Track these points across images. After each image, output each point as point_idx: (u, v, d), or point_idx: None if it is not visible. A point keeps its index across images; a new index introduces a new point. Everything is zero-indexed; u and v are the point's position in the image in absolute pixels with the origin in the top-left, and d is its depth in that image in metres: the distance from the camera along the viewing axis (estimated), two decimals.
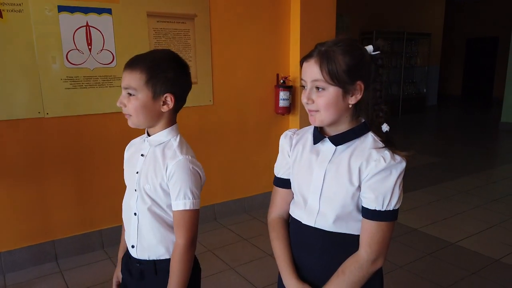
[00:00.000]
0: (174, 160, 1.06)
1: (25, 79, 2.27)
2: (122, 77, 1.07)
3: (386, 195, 0.93)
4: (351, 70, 0.93)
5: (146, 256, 1.13)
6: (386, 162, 0.93)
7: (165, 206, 1.10)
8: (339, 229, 0.99)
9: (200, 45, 2.86)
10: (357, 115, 1.00)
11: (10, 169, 2.30)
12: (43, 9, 2.26)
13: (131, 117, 1.07)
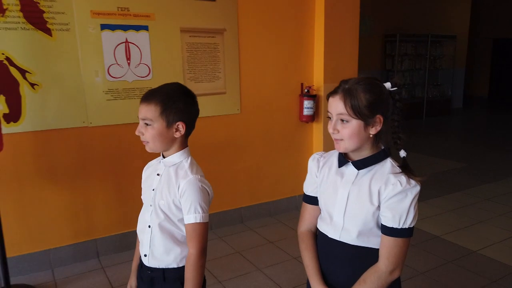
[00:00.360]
0: (186, 179, 1.21)
1: (72, 91, 2.48)
2: (139, 109, 1.22)
3: (402, 214, 1.07)
4: (371, 106, 1.07)
5: (156, 265, 1.27)
6: (402, 186, 1.06)
7: (176, 220, 1.24)
8: (361, 243, 1.12)
9: (229, 57, 3.01)
10: (377, 143, 1.13)
11: (58, 173, 2.52)
12: (88, 28, 2.47)
13: (148, 143, 1.22)
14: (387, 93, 1.11)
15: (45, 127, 2.44)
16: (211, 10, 2.88)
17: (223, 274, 2.47)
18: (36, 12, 2.30)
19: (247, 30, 3.06)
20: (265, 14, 3.11)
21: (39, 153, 2.45)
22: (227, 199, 3.21)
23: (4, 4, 2.21)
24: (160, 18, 2.69)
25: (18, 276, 2.43)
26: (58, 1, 2.35)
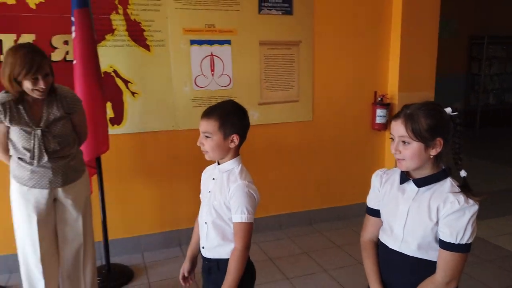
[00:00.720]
0: (235, 184, 1.37)
1: (164, 99, 2.83)
2: (200, 123, 1.39)
3: (459, 231, 1.15)
4: (432, 129, 1.16)
5: (211, 256, 1.45)
6: (460, 204, 1.14)
7: (227, 219, 1.40)
8: (420, 255, 1.22)
9: (303, 67, 3.17)
10: (438, 162, 1.22)
11: (151, 169, 2.89)
12: (179, 43, 2.80)
13: (207, 153, 1.40)
14: (448, 118, 1.20)
15: (142, 130, 2.81)
16: (289, 24, 3.06)
17: (291, 272, 2.64)
18: (138, 31, 2.68)
19: (322, 41, 3.19)
20: (340, 25, 3.22)
21: (136, 152, 2.84)
22: (296, 201, 3.37)
23: (114, 25, 2.61)
24: (242, 33, 2.94)
25: (115, 257, 2.83)
26: (156, 21, 2.70)
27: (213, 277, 1.46)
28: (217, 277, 1.42)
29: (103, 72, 2.49)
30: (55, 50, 2.49)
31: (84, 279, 2.13)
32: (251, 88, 3.05)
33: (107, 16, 2.57)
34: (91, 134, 2.20)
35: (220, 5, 2.85)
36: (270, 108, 3.14)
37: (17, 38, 2.41)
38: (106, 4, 2.56)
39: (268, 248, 2.99)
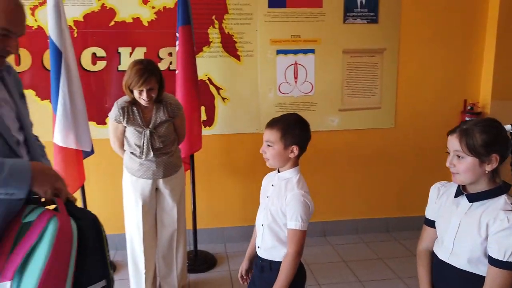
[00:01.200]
0: (292, 192, 1.46)
1: (250, 104, 3.08)
2: (264, 132, 1.51)
3: (508, 249, 1.15)
4: (487, 145, 1.19)
5: (265, 256, 1.54)
6: (510, 222, 1.15)
7: (281, 224, 1.49)
8: (469, 269, 1.25)
9: (387, 74, 3.19)
10: (494, 178, 1.24)
11: (235, 168, 3.16)
12: (266, 53, 3.03)
13: (268, 160, 1.50)
14: (506, 135, 1.22)
15: (229, 131, 3.10)
16: (373, 32, 3.11)
17: (364, 275, 2.70)
18: (231, 43, 2.96)
19: (408, 48, 3.17)
20: (427, 31, 3.16)
21: (224, 151, 3.13)
22: (374, 207, 3.39)
23: (210, 38, 2.93)
24: (326, 42, 3.06)
25: (202, 244, 3.15)
26: (247, 34, 2.97)
27: (265, 276, 1.56)
28: (269, 276, 1.52)
29: (199, 79, 2.82)
30: (161, 61, 2.88)
31: (176, 260, 2.45)
32: (333, 95, 3.16)
33: (205, 30, 2.90)
34: (187, 134, 2.53)
35: (306, 16, 3.01)
36: (351, 114, 3.21)
37: (132, 50, 2.85)
38: (205, 20, 2.88)
39: (344, 251, 3.07)
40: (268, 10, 2.97)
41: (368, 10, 3.08)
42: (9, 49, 1.19)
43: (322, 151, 3.21)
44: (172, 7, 2.81)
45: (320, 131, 3.16)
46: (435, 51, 3.19)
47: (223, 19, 2.92)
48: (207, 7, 2.88)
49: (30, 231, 1.20)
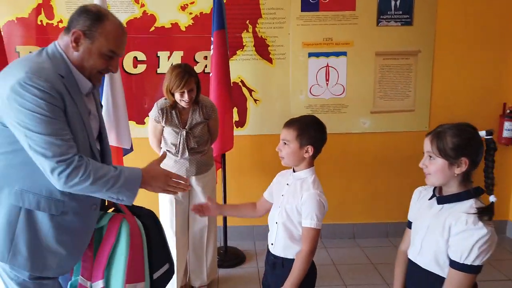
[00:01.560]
0: (308, 192, 1.50)
1: (281, 106, 3.15)
2: (282, 131, 1.56)
3: (464, 251, 1.18)
4: (456, 149, 1.22)
5: (278, 253, 1.58)
6: (467, 225, 1.18)
7: (296, 222, 1.53)
8: (434, 270, 1.27)
9: (421, 76, 3.15)
10: (465, 182, 1.26)
11: (265, 167, 3.23)
12: (298, 56, 3.09)
13: (284, 159, 1.54)
14: (479, 140, 1.23)
15: (260, 132, 3.18)
16: (407, 34, 3.09)
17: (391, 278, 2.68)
18: (264, 46, 3.05)
19: (443, 51, 3.12)
20: (464, 34, 3.10)
21: (254, 151, 3.22)
22: (406, 212, 3.33)
23: (244, 42, 3.03)
24: (358, 44, 3.08)
25: (232, 241, 3.25)
26: (279, 37, 3.04)
27: (277, 272, 1.60)
28: (281, 273, 1.57)
29: (232, 82, 2.93)
30: (197, 64, 3.02)
31: (206, 255, 2.57)
32: (364, 97, 3.16)
33: (239, 34, 3.01)
34: (219, 134, 2.64)
35: (339, 19, 3.04)
36: (383, 117, 3.20)
37: (170, 54, 3.01)
38: (239, 24, 3.00)
39: (372, 254, 3.07)
40: (301, 14, 3.03)
41: (403, 12, 3.06)
42: (111, 68, 1.38)
43: (353, 153, 3.22)
44: (208, 12, 2.94)
45: (351, 133, 3.19)
46: (472, 53, 3.12)
47: (256, 24, 3.01)
48: (242, 12, 2.99)
49: (106, 234, 1.42)
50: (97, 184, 1.25)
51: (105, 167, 1.30)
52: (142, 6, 2.95)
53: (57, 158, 1.20)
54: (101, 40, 1.30)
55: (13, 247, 1.26)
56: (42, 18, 2.92)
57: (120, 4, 2.94)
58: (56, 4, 2.91)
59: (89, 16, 1.29)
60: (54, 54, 1.30)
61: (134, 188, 1.32)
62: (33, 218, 1.28)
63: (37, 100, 1.18)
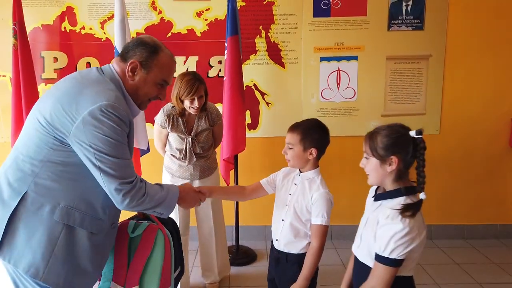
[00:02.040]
0: (318, 192, 1.58)
1: (293, 109, 3.22)
2: (286, 135, 1.63)
3: (382, 244, 1.24)
4: (386, 148, 1.28)
5: (282, 249, 1.65)
6: (387, 219, 1.24)
7: (304, 220, 1.60)
8: (366, 262, 1.34)
9: (432, 80, 3.18)
10: (398, 180, 1.30)
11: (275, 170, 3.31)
12: (310, 60, 3.16)
13: (289, 161, 1.63)
14: (409, 139, 1.28)
15: (271, 135, 3.26)
16: (418, 39, 3.13)
17: None
18: (276, 51, 3.14)
19: (455, 54, 3.15)
20: (476, 38, 3.12)
21: (266, 153, 3.30)
22: None
23: (257, 47, 3.13)
24: (369, 49, 3.14)
25: (243, 240, 3.33)
26: (292, 42, 3.13)
27: (281, 267, 1.68)
28: (285, 267, 1.65)
29: (245, 85, 3.02)
30: (211, 68, 3.13)
31: (216, 254, 2.62)
32: (375, 100, 3.21)
33: (253, 39, 3.11)
34: (232, 136, 2.74)
35: (350, 25, 3.11)
36: (394, 120, 3.13)
37: (186, 59, 3.12)
38: (252, 30, 3.10)
39: None
40: (313, 20, 3.11)
41: (414, 17, 3.11)
42: (160, 96, 1.48)
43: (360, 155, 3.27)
44: (223, 18, 3.05)
45: (362, 136, 3.19)
46: (483, 57, 3.14)
47: (269, 29, 3.11)
48: (255, 18, 3.09)
49: (141, 243, 1.52)
50: (150, 203, 1.37)
51: (155, 187, 1.43)
52: (159, 13, 3.08)
53: (124, 180, 1.29)
54: (155, 70, 1.40)
55: (49, 265, 1.28)
56: (66, 25, 3.08)
57: (139, 11, 3.08)
58: (79, 12, 3.07)
59: (146, 48, 1.39)
60: (113, 78, 1.39)
61: (173, 204, 1.47)
62: (73, 236, 1.31)
63: (114, 127, 1.26)
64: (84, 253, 1.34)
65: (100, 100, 1.27)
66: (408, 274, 1.32)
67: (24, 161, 1.30)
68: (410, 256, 1.26)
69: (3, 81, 3.15)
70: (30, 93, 2.81)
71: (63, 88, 1.34)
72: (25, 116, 2.79)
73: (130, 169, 1.34)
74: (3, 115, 3.18)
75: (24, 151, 1.32)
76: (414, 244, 1.23)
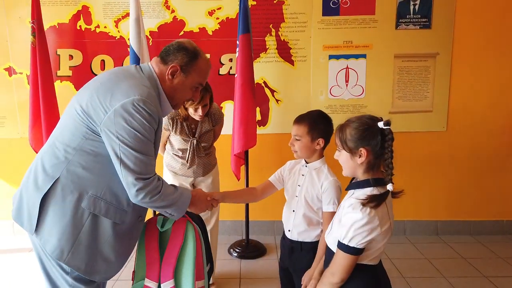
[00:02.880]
0: (327, 180, 1.64)
1: (302, 106, 3.27)
2: (292, 127, 1.68)
3: (342, 231, 1.27)
4: (354, 140, 1.29)
5: (296, 238, 1.70)
6: (349, 208, 1.28)
7: (315, 208, 1.66)
8: (333, 249, 1.35)
9: (439, 78, 3.23)
10: (368, 171, 1.32)
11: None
12: (319, 58, 3.23)
13: (296, 152, 1.67)
14: (377, 130, 1.28)
15: (281, 131, 3.32)
16: (426, 37, 3.18)
17: (408, 272, 2.79)
18: (286, 49, 3.21)
19: (462, 53, 3.20)
20: (483, 37, 3.17)
21: (275, 149, 3.35)
22: (423, 210, 3.42)
23: (267, 45, 3.20)
24: (377, 47, 3.19)
25: (253, 234, 3.39)
26: (301, 40, 3.19)
27: (295, 256, 1.73)
28: (300, 255, 1.70)
29: (256, 83, 3.09)
30: (223, 66, 3.20)
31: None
32: (383, 98, 3.27)
33: (263, 38, 3.17)
34: (243, 132, 2.80)
35: (359, 23, 3.17)
36: (402, 117, 3.29)
37: None
38: (263, 28, 3.16)
39: (388, 250, 3.16)
40: (322, 18, 3.17)
41: (421, 16, 3.16)
42: (193, 98, 1.58)
43: None
44: (234, 17, 3.12)
45: None
46: (490, 55, 3.19)
47: (279, 27, 3.17)
48: (266, 17, 3.16)
49: (172, 237, 1.53)
50: (163, 202, 1.41)
51: (170, 187, 1.46)
52: (172, 12, 3.16)
53: (141, 175, 1.33)
54: (194, 75, 1.47)
55: (73, 249, 1.35)
56: (81, 23, 3.17)
57: (152, 10, 3.15)
58: (94, 11, 3.15)
59: (187, 53, 1.45)
60: (150, 77, 1.45)
61: (185, 207, 1.51)
62: (98, 225, 1.38)
63: (144, 122, 1.31)
64: (107, 241, 1.40)
65: (133, 94, 1.32)
66: (372, 263, 1.33)
67: (59, 148, 1.37)
68: (371, 245, 1.28)
69: (20, 78, 3.24)
70: (47, 90, 2.90)
71: (101, 80, 1.41)
72: (42, 112, 2.88)
73: (151, 166, 1.38)
74: (20, 111, 3.27)
75: (60, 138, 1.39)
76: (374, 234, 1.24)
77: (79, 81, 3.20)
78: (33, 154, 2.99)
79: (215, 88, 2.42)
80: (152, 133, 1.37)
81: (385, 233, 1.28)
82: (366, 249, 1.28)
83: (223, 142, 2.90)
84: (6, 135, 3.32)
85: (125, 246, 1.47)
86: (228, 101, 3.22)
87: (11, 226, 3.43)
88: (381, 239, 1.28)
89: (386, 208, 1.30)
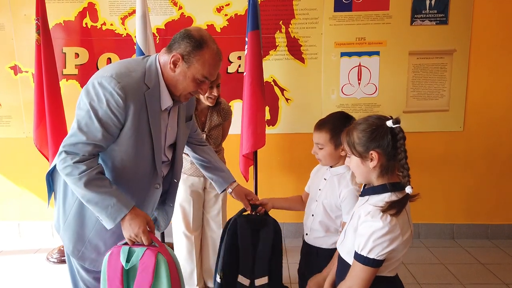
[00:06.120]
0: (347, 189, 1.53)
1: (312, 105, 3.19)
2: (313, 134, 1.59)
3: (361, 242, 1.17)
4: (362, 144, 1.20)
5: (312, 243, 1.64)
6: (367, 217, 1.17)
7: (333, 216, 1.58)
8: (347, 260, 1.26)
9: (456, 76, 3.11)
10: (383, 175, 1.21)
11: (294, 165, 3.29)
12: (331, 56, 3.12)
13: (321, 160, 1.61)
14: (386, 130, 1.17)
15: (290, 131, 3.23)
16: (442, 33, 3.06)
17: (423, 278, 2.68)
18: (296, 46, 3.11)
19: (480, 50, 3.07)
20: (502, 33, 3.04)
21: (284, 149, 3.27)
22: (439, 213, 3.30)
23: (277, 42, 3.10)
24: (391, 44, 3.08)
25: None
26: (312, 37, 3.09)
27: (311, 261, 1.68)
28: (315, 261, 1.64)
29: (265, 81, 2.99)
30: (231, 64, 3.11)
31: None
32: (397, 96, 3.15)
33: (272, 35, 3.08)
34: (252, 132, 2.71)
35: (372, 19, 3.06)
36: (416, 117, 3.18)
37: None
38: (272, 25, 3.07)
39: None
40: (334, 14, 3.07)
41: (438, 11, 3.04)
42: (200, 91, 1.45)
43: None
44: (243, 14, 3.03)
45: None
46: (509, 52, 3.06)
47: (289, 24, 3.07)
48: (275, 13, 3.06)
49: (140, 273, 1.28)
50: (80, 189, 1.29)
51: (107, 185, 1.31)
52: (180, 8, 3.08)
53: (70, 149, 1.30)
54: (197, 66, 1.37)
55: (64, 228, 1.46)
56: (87, 21, 3.10)
57: (160, 7, 3.08)
58: (100, 8, 3.08)
59: (191, 42, 1.36)
60: (150, 66, 1.40)
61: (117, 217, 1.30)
62: (83, 211, 1.42)
63: (103, 101, 1.28)
64: (92, 229, 1.44)
65: (108, 73, 1.32)
66: (390, 274, 1.24)
67: None
68: (391, 256, 1.18)
69: (25, 76, 3.19)
70: (52, 88, 2.83)
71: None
72: (47, 112, 2.82)
73: (85, 147, 1.29)
74: (26, 111, 3.22)
75: None
76: (395, 244, 1.14)
77: (85, 79, 3.09)
78: (38, 154, 2.94)
79: (223, 87, 2.34)
80: (107, 119, 1.30)
81: (406, 242, 1.18)
82: (386, 259, 1.18)
83: (232, 143, 2.82)
84: (11, 134, 3.28)
85: (115, 237, 1.44)
86: (237, 100, 3.13)
87: (17, 226, 3.39)
88: (402, 249, 1.18)
89: (407, 215, 1.20)
